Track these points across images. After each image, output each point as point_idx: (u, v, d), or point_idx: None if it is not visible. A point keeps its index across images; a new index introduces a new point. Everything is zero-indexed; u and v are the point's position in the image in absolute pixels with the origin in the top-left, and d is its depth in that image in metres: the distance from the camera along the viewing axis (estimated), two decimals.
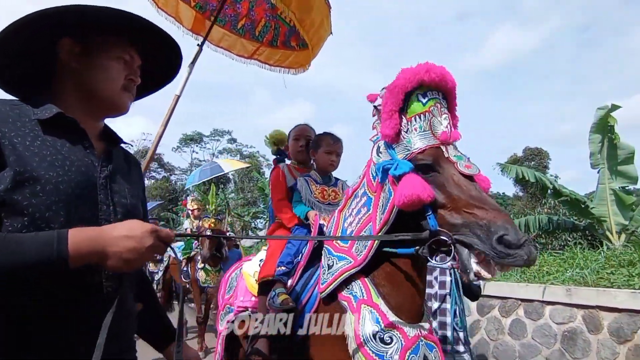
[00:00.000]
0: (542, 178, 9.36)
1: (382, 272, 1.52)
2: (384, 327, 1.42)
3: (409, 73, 1.34)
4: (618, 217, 8.73)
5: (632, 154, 8.63)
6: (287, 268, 2.01)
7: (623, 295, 3.17)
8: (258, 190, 18.96)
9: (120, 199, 1.02)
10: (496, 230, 1.13)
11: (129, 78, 1.08)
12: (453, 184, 1.28)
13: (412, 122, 1.36)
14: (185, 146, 42.42)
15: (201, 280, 6.21)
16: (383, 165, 1.39)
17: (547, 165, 26.38)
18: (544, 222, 9.71)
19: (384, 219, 1.40)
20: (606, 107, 8.43)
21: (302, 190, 2.24)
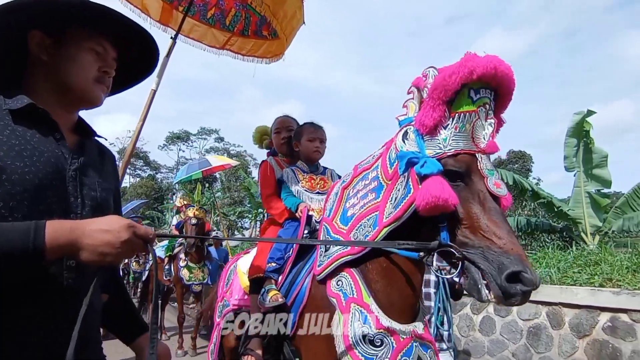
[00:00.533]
0: (521, 181, 9.57)
1: (377, 267, 1.44)
2: (374, 328, 1.35)
3: (475, 64, 1.15)
4: (593, 219, 9.02)
5: (605, 158, 8.93)
6: (277, 264, 1.98)
7: (583, 292, 3.32)
8: (244, 189, 18.89)
9: (90, 192, 1.01)
10: (510, 265, 1.06)
11: (103, 70, 1.06)
12: (478, 201, 1.19)
13: (455, 119, 1.21)
14: (171, 144, 42.08)
15: (185, 278, 6.03)
16: (409, 157, 1.25)
17: (530, 168, 26.98)
18: (522, 224, 9.97)
19: (396, 215, 1.29)
20: (582, 112, 8.70)
21: (289, 181, 2.19)
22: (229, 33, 2.87)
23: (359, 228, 1.45)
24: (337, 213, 1.61)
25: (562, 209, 9.11)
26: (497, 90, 1.23)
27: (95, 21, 1.03)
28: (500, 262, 1.07)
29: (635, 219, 8.45)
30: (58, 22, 1.00)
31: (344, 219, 1.56)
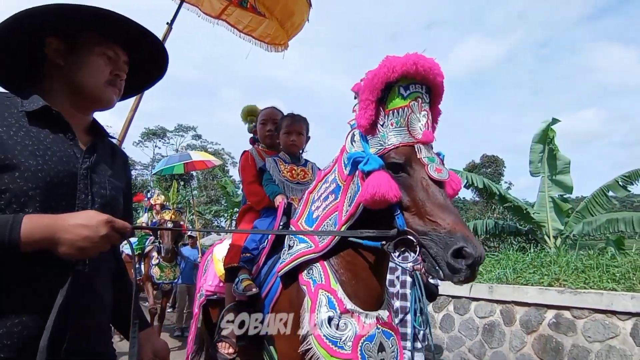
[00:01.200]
0: (490, 185, 9.92)
1: (342, 260, 1.50)
2: (340, 313, 1.41)
3: (395, 62, 1.24)
4: (555, 223, 9.43)
5: (568, 165, 9.36)
6: (252, 254, 2.00)
7: (533, 291, 3.54)
8: (220, 188, 18.75)
9: (100, 190, 1.05)
10: (454, 242, 1.13)
11: (115, 74, 1.11)
12: (421, 188, 1.25)
13: (390, 115, 1.29)
14: (147, 141, 41.20)
15: (156, 277, 6.02)
16: (354, 157, 1.34)
17: (502, 173, 27.76)
18: (490, 226, 10.34)
19: (350, 212, 1.38)
20: (548, 120, 9.10)
21: (271, 169, 2.21)
22: (227, 1, 2.73)
23: (322, 228, 1.53)
24: (302, 215, 1.67)
25: (528, 213, 9.51)
26: (426, 84, 1.30)
27: (106, 27, 1.08)
28: (445, 242, 1.14)
29: (594, 223, 8.89)
30: (72, 28, 1.06)
31: (309, 220, 1.62)
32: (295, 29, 2.76)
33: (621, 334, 2.94)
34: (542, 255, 5.05)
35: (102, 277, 1.07)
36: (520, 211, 9.65)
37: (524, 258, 5.01)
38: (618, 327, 2.97)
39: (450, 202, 1.26)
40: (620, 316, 2.99)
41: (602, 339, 3.01)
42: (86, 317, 0.99)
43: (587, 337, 3.10)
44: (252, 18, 2.79)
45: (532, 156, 9.42)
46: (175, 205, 11.86)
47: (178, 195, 20.84)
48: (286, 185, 2.18)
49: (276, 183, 2.18)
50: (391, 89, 1.28)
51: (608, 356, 2.93)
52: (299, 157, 2.33)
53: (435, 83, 1.30)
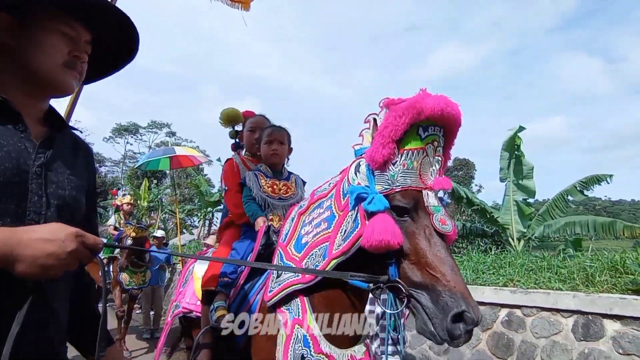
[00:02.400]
0: (458, 189, 10.29)
1: (322, 298, 1.48)
2: (313, 352, 1.40)
3: (423, 105, 1.18)
4: (518, 225, 9.89)
5: (532, 170, 9.83)
6: (230, 279, 1.95)
7: (489, 291, 3.77)
8: (194, 187, 18.52)
9: (57, 190, 0.91)
10: (455, 305, 1.08)
11: (74, 55, 0.96)
12: (424, 236, 1.21)
13: (403, 156, 1.24)
14: (118, 137, 40.14)
15: (125, 283, 5.97)
16: (358, 192, 1.28)
17: (473, 176, 28.71)
18: (459, 228, 10.67)
19: (343, 248, 1.33)
20: (515, 128, 9.53)
21: (251, 184, 2.11)
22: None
23: (310, 257, 1.48)
24: (291, 239, 1.62)
25: (493, 216, 9.92)
26: (444, 127, 1.26)
27: (66, 3, 0.93)
28: (444, 303, 1.09)
29: (554, 226, 9.37)
30: (24, 4, 0.91)
31: (298, 245, 1.58)
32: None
33: (564, 330, 3.19)
34: (502, 257, 5.32)
35: (60, 290, 0.94)
36: (486, 214, 10.05)
37: (485, 259, 5.27)
38: (561, 323, 3.22)
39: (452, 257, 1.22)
40: (563, 313, 3.23)
41: (547, 335, 3.25)
42: (39, 335, 0.87)
43: (535, 333, 3.33)
44: None
45: (502, 163, 9.83)
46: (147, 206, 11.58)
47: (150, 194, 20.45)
48: (267, 201, 2.09)
49: (256, 200, 2.09)
50: (410, 128, 1.23)
51: (552, 351, 3.17)
52: (281, 171, 2.23)
53: (453, 129, 1.27)
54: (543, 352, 3.22)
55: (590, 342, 3.02)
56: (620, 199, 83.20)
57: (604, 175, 9.61)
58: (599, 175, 9.63)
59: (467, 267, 4.70)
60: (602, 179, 9.54)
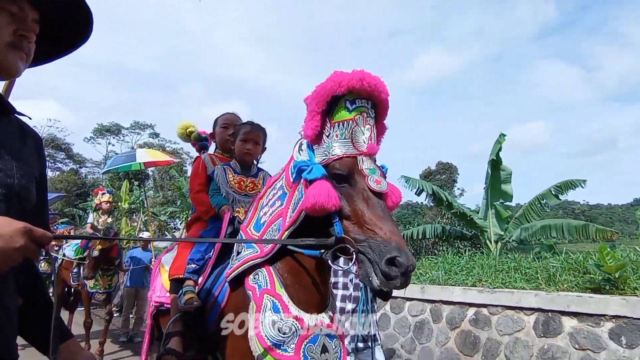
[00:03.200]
0: (439, 192, 10.49)
1: (285, 265, 1.54)
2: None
3: (341, 77, 1.30)
4: (496, 228, 10.10)
5: (509, 175, 10.07)
6: (197, 265, 1.98)
7: (458, 291, 3.89)
8: (176, 189, 18.36)
9: (5, 179, 0.87)
10: (388, 251, 1.18)
11: (20, 34, 0.91)
12: (361, 199, 1.30)
13: (335, 127, 1.34)
14: (100, 137, 39.43)
15: (88, 286, 5.70)
16: (299, 165, 1.38)
17: (456, 179, 29.15)
18: (439, 231, 10.89)
19: (293, 218, 1.42)
20: (500, 136, 9.72)
21: (219, 179, 2.17)
22: None
23: (267, 233, 1.57)
24: (251, 221, 1.71)
25: (472, 219, 10.13)
26: (371, 99, 1.35)
27: None
28: (380, 250, 1.20)
29: (530, 229, 9.63)
30: None
31: (257, 225, 1.66)
32: None
33: (526, 327, 3.32)
34: (476, 258, 5.48)
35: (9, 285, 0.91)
36: (465, 217, 10.25)
37: (459, 261, 5.41)
38: (524, 321, 3.35)
39: (389, 213, 1.32)
40: (526, 311, 3.37)
41: (511, 332, 3.38)
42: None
43: (499, 330, 3.46)
44: None
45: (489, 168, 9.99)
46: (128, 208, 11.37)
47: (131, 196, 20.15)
48: (232, 196, 2.16)
49: (222, 194, 2.15)
50: (338, 102, 1.34)
51: (514, 347, 3.30)
52: (250, 167, 2.29)
53: (380, 99, 1.36)
54: (506, 349, 3.35)
55: (550, 338, 3.16)
56: (597, 203, 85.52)
57: (578, 181, 9.91)
58: (573, 180, 9.93)
59: (441, 268, 4.83)
60: (576, 184, 9.83)
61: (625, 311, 2.86)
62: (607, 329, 2.92)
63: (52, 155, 36.30)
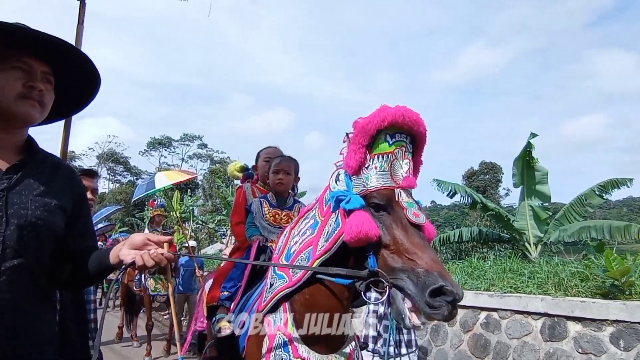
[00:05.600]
0: (472, 194, 10.42)
1: (301, 298, 1.53)
2: (292, 357, 1.46)
3: (386, 113, 1.32)
4: (535, 230, 9.87)
5: (546, 176, 9.81)
6: (230, 292, 2.07)
7: (470, 295, 4.07)
8: (220, 199, 19.38)
9: (19, 210, 1.01)
10: (433, 281, 1.15)
11: (29, 85, 1.05)
12: (400, 227, 1.30)
13: (375, 160, 1.36)
14: (153, 150, 42.14)
15: (150, 289, 6.22)
16: (337, 195, 1.40)
17: (500, 179, 28.16)
18: (475, 233, 10.78)
19: (326, 247, 1.41)
20: (534, 135, 9.53)
21: (254, 212, 2.26)
22: None
23: (296, 262, 1.56)
24: (283, 251, 1.71)
25: (509, 220, 9.97)
26: (411, 134, 1.39)
27: (15, 41, 1.04)
28: (423, 282, 1.16)
29: (569, 230, 9.33)
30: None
31: (287, 255, 1.66)
32: None
33: (533, 331, 3.46)
34: (499, 262, 5.55)
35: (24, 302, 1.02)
36: (501, 219, 10.12)
37: (483, 265, 5.52)
38: (531, 325, 3.50)
39: (429, 243, 1.32)
40: (533, 316, 3.51)
41: (519, 336, 3.54)
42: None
43: (508, 334, 3.63)
44: None
45: (514, 169, 9.85)
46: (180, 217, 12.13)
47: (182, 205, 21.48)
48: (267, 229, 2.23)
49: (257, 226, 2.23)
50: (378, 136, 1.37)
51: (522, 351, 3.45)
52: (286, 200, 2.35)
53: (418, 134, 1.40)
54: (515, 352, 3.51)
55: (555, 343, 3.29)
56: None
57: (623, 179, 9.46)
58: (618, 179, 9.49)
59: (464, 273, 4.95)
60: (622, 182, 9.41)
61: (625, 315, 2.95)
62: (609, 333, 3.03)
63: (112, 168, 39.47)
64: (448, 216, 24.50)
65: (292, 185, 2.41)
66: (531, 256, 9.42)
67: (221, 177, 24.09)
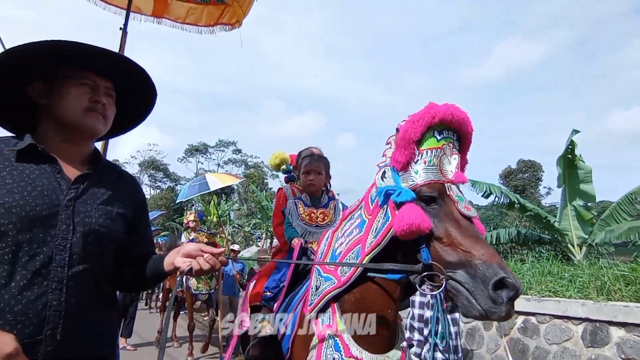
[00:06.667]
0: (509, 194, 10.09)
1: (352, 299, 1.50)
2: (344, 356, 1.42)
3: (435, 110, 1.32)
4: (579, 231, 9.43)
5: (589, 174, 9.35)
6: (272, 293, 2.09)
7: None
8: (255, 203, 19.82)
9: (84, 219, 1.06)
10: (494, 274, 1.10)
11: (94, 100, 1.12)
12: (453, 219, 1.27)
13: (423, 154, 1.35)
14: (190, 156, 43.64)
15: (193, 288, 6.40)
16: (386, 189, 1.37)
17: (541, 177, 26.98)
18: (513, 235, 10.44)
19: (376, 242, 1.38)
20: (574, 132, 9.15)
21: (290, 214, 2.27)
22: (224, 5, 2.87)
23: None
24: (327, 255, 1.67)
25: (549, 221, 9.59)
26: (457, 132, 1.38)
27: (79, 59, 1.12)
28: (483, 275, 1.11)
29: (616, 231, 8.84)
30: (47, 68, 1.12)
31: (333, 257, 1.62)
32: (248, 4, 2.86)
33: (574, 337, 3.37)
34: (538, 265, 5.40)
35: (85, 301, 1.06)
36: (541, 220, 9.74)
37: (521, 268, 5.39)
38: (572, 330, 3.41)
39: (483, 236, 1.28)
40: (574, 321, 3.42)
41: (559, 342, 3.45)
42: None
43: (547, 339, 3.55)
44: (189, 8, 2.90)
45: (559, 168, 9.46)
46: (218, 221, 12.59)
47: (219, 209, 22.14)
48: (303, 228, 2.25)
49: (294, 227, 2.25)
50: (427, 132, 1.36)
51: (562, 356, 3.37)
52: (320, 198, 2.36)
53: (465, 132, 1.39)
54: (554, 358, 3.43)
55: (597, 349, 3.20)
56: None
57: None
58: None
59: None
60: None
61: None
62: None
63: (153, 175, 41.26)
64: (485, 217, 23.74)
65: (325, 184, 2.41)
66: (575, 258, 9.01)
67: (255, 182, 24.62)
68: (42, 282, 0.98)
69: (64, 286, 1.00)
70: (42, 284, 0.98)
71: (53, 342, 0.98)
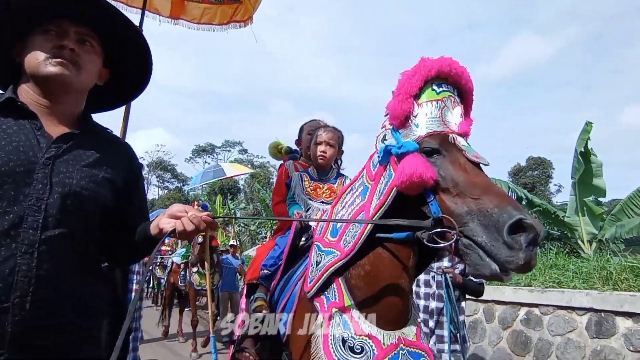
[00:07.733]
0: (516, 190, 9.93)
1: (360, 271, 1.36)
2: (354, 334, 1.29)
3: (432, 62, 1.25)
4: (589, 227, 9.22)
5: (600, 168, 9.13)
6: (270, 271, 1.98)
7: (509, 291, 3.87)
8: (260, 202, 19.81)
9: (65, 179, 0.99)
10: (508, 216, 0.97)
11: (59, 45, 1.03)
12: (459, 167, 1.16)
13: (423, 107, 1.25)
14: (197, 157, 43.88)
15: (195, 284, 6.37)
16: (387, 145, 1.28)
17: (551, 175, 26.53)
18: None
19: (379, 203, 1.27)
20: (588, 124, 8.89)
21: (294, 186, 2.13)
22: (237, 3, 2.93)
23: (347, 233, 1.41)
24: (327, 229, 1.57)
25: (558, 216, 9.39)
26: (457, 87, 1.29)
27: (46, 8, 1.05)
28: (496, 221, 1.00)
29: (627, 226, 8.63)
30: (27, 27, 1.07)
31: (333, 232, 1.52)
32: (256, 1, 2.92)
33: (578, 328, 3.23)
34: (544, 257, 5.25)
35: (67, 270, 0.99)
36: (549, 215, 9.54)
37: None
38: (576, 321, 3.27)
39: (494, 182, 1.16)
40: (578, 311, 3.28)
41: (563, 333, 3.32)
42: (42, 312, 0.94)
43: (551, 331, 3.41)
44: (204, 8, 2.96)
45: (575, 163, 9.23)
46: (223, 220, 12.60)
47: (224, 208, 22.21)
48: (307, 203, 2.12)
49: (297, 200, 2.11)
50: (424, 86, 1.27)
51: (566, 347, 3.24)
52: (328, 172, 2.21)
53: (466, 88, 1.30)
54: (558, 350, 3.30)
55: (603, 340, 3.06)
56: None
57: None
58: None
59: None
60: None
61: None
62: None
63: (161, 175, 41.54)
64: None
65: (336, 159, 2.25)
66: (585, 254, 8.80)
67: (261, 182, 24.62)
68: (10, 245, 0.91)
69: (35, 250, 0.92)
70: (10, 246, 0.91)
71: (22, 310, 0.90)
